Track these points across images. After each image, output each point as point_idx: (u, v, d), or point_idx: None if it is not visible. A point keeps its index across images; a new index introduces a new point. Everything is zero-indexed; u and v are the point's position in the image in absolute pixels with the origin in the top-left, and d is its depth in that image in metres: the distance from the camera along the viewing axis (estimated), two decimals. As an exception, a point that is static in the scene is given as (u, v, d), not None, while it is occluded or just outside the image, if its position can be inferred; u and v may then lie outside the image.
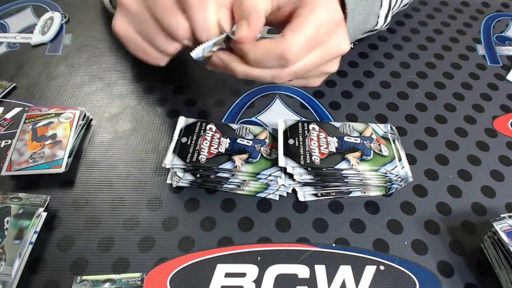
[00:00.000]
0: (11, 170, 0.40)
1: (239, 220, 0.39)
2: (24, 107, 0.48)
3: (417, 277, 0.36)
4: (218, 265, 0.36)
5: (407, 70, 0.55)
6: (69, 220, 0.39)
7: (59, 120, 0.44)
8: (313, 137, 0.40)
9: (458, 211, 0.41)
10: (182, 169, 0.39)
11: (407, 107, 0.50)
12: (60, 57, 0.55)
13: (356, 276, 0.36)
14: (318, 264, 0.37)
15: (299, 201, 0.41)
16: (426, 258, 0.37)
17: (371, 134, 0.42)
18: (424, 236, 0.39)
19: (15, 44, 0.56)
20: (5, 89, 0.50)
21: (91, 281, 0.34)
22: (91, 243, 0.37)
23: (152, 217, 0.39)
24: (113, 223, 0.38)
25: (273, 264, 0.36)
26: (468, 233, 0.39)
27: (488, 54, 0.58)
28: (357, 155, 0.39)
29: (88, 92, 0.50)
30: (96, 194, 0.41)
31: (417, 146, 0.46)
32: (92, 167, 0.43)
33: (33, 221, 0.36)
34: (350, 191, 0.41)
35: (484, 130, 0.48)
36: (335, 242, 0.38)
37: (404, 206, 0.41)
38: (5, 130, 0.46)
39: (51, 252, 0.36)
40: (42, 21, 0.59)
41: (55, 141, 0.42)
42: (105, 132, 0.46)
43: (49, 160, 0.40)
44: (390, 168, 0.39)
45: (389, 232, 0.39)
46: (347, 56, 0.57)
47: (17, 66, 0.53)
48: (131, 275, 0.35)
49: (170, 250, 0.37)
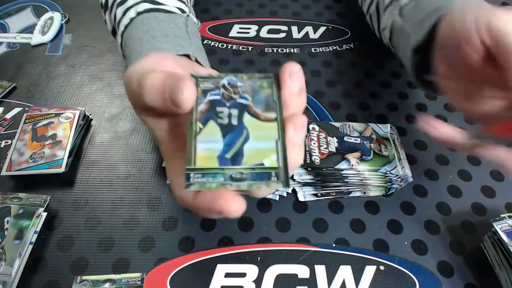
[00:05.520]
0: (11, 170, 0.40)
1: (239, 220, 0.39)
2: (24, 107, 0.48)
3: (417, 277, 0.36)
4: (218, 265, 0.36)
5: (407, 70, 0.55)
6: (69, 220, 0.39)
7: (59, 120, 0.44)
8: (313, 137, 0.40)
9: (458, 211, 0.41)
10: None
11: (407, 107, 0.50)
12: (60, 57, 0.55)
13: (356, 276, 0.36)
14: (318, 264, 0.37)
15: (299, 201, 0.41)
16: (426, 258, 0.37)
17: (371, 134, 0.42)
18: (424, 236, 0.39)
19: (15, 44, 0.56)
20: (5, 89, 0.50)
21: (91, 281, 0.34)
22: (91, 243, 0.37)
23: (152, 217, 0.39)
24: (113, 223, 0.38)
25: (273, 264, 0.36)
26: (468, 233, 0.39)
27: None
28: (357, 155, 0.39)
29: (88, 92, 0.50)
30: (96, 194, 0.41)
31: (417, 146, 0.46)
32: (92, 167, 0.43)
33: (33, 221, 0.36)
34: (350, 191, 0.41)
35: (484, 130, 0.48)
36: (335, 242, 0.38)
37: (404, 206, 0.41)
38: (5, 130, 0.46)
39: (51, 252, 0.36)
40: (42, 21, 0.59)
41: (55, 141, 0.42)
42: (105, 132, 0.46)
43: (49, 160, 0.40)
44: (390, 168, 0.39)
45: (389, 232, 0.39)
46: (347, 56, 0.57)
47: (17, 66, 0.53)
48: (131, 275, 0.35)
49: (170, 250, 0.37)
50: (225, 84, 0.25)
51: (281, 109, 0.25)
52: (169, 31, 0.37)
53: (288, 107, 0.25)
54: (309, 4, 0.65)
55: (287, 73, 0.25)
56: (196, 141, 0.23)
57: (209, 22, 0.61)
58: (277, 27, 0.61)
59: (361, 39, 0.59)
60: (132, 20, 0.38)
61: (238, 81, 0.26)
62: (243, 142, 0.23)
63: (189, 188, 0.22)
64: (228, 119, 0.24)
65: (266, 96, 0.25)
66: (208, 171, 0.22)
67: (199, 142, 0.23)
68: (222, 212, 0.22)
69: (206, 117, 0.24)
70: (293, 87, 0.25)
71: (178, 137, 0.27)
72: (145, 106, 0.25)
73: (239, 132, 0.24)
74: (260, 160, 0.23)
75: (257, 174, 0.22)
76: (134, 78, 0.26)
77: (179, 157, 0.26)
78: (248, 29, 0.60)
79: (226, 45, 0.57)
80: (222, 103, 0.25)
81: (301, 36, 0.60)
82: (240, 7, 0.64)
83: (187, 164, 0.22)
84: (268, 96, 0.25)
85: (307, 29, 0.61)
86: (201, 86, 0.25)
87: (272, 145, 0.23)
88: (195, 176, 0.22)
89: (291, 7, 0.64)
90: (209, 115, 0.24)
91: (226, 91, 0.25)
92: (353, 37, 0.60)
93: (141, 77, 0.25)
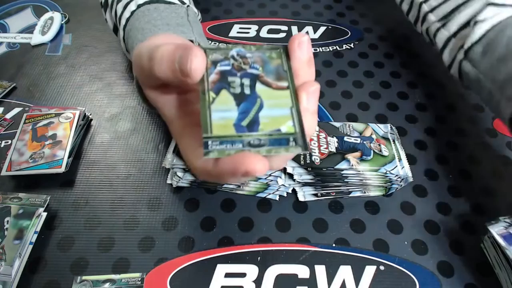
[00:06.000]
0: (11, 170, 0.40)
1: (239, 220, 0.39)
2: (24, 107, 0.48)
3: (417, 277, 0.36)
4: (218, 265, 0.36)
5: (407, 70, 0.55)
6: (69, 220, 0.39)
7: (59, 120, 0.44)
8: (313, 137, 0.40)
9: (458, 211, 0.41)
10: (182, 169, 0.39)
11: (407, 107, 0.50)
12: (60, 57, 0.55)
13: (356, 276, 0.36)
14: (318, 264, 0.37)
15: (299, 201, 0.41)
16: (426, 258, 0.37)
17: (371, 134, 0.42)
18: (424, 236, 0.39)
19: (15, 44, 0.56)
20: (5, 89, 0.50)
21: (91, 281, 0.34)
22: (91, 243, 0.37)
23: (152, 217, 0.39)
24: (113, 223, 0.38)
25: (273, 264, 0.36)
26: (468, 233, 0.39)
27: (488, 54, 0.58)
28: (357, 155, 0.39)
29: (88, 92, 0.50)
30: (96, 194, 0.41)
31: (417, 146, 0.46)
32: (92, 167, 0.43)
33: (33, 221, 0.36)
34: (350, 191, 0.41)
35: (484, 130, 0.48)
36: (335, 242, 0.38)
37: (404, 206, 0.41)
38: (5, 130, 0.46)
39: (51, 252, 0.36)
40: (42, 21, 0.59)
41: (55, 141, 0.42)
42: (105, 132, 0.46)
43: (49, 160, 0.40)
44: (390, 168, 0.39)
45: (389, 232, 0.39)
46: (347, 56, 0.57)
47: (17, 66, 0.53)
48: (131, 275, 0.35)
49: (170, 250, 0.37)
50: (234, 55, 0.25)
51: (292, 77, 0.25)
52: (170, 20, 0.37)
53: (299, 76, 0.25)
54: (309, 4, 0.65)
55: (296, 43, 0.25)
56: (211, 110, 0.23)
57: (209, 22, 0.61)
58: (277, 27, 0.61)
59: (361, 39, 0.60)
60: (133, 13, 0.38)
61: (247, 52, 0.26)
62: (257, 110, 0.23)
63: (208, 156, 0.21)
64: (241, 88, 0.24)
65: (276, 66, 0.25)
66: (225, 138, 0.22)
67: (214, 111, 0.23)
68: (249, 173, 0.22)
69: (218, 86, 0.24)
70: (303, 56, 0.25)
71: (188, 114, 0.27)
72: (155, 83, 0.26)
73: (253, 100, 0.24)
74: (276, 126, 0.23)
75: (275, 139, 0.22)
76: (144, 53, 0.26)
77: (190, 133, 0.26)
78: (248, 29, 0.60)
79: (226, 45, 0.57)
80: (233, 73, 0.24)
81: (301, 36, 0.60)
82: (240, 7, 0.64)
83: (204, 132, 0.22)
84: (278, 66, 0.25)
85: (307, 29, 0.61)
86: (210, 57, 0.25)
87: (287, 112, 0.23)
88: (213, 143, 0.22)
89: (291, 7, 0.64)
90: (221, 84, 0.24)
91: (236, 61, 0.25)
92: (353, 37, 0.60)
93: (151, 51, 0.25)
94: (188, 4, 0.41)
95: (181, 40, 0.28)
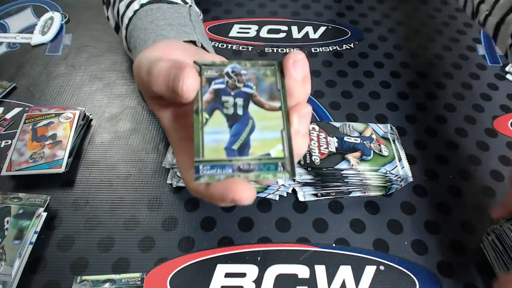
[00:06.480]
0: (11, 170, 0.40)
1: (239, 220, 0.39)
2: (24, 107, 0.48)
3: (417, 277, 0.36)
4: (218, 265, 0.36)
5: (407, 70, 0.55)
6: (69, 220, 0.39)
7: (59, 120, 0.44)
8: (313, 137, 0.40)
9: (458, 211, 0.41)
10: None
11: (407, 107, 0.50)
12: (60, 57, 0.55)
13: (356, 276, 0.36)
14: (318, 264, 0.37)
15: (299, 201, 0.41)
16: (426, 258, 0.37)
17: (371, 134, 0.42)
18: (424, 236, 0.39)
19: (15, 44, 0.56)
20: (5, 89, 0.50)
21: (91, 281, 0.34)
22: (91, 243, 0.37)
23: (152, 217, 0.39)
24: (113, 223, 0.38)
25: (273, 264, 0.36)
26: (468, 233, 0.39)
27: (488, 54, 0.58)
28: (357, 155, 0.39)
29: (88, 92, 0.50)
30: (96, 194, 0.41)
31: (417, 146, 0.46)
32: (92, 167, 0.43)
33: (33, 221, 0.36)
34: (350, 191, 0.41)
35: (484, 130, 0.48)
36: (335, 242, 0.38)
37: (404, 206, 0.41)
38: (5, 130, 0.46)
39: (51, 252, 0.36)
40: (42, 21, 0.59)
41: (55, 141, 0.42)
42: (105, 132, 0.46)
43: (49, 160, 0.40)
44: (390, 168, 0.39)
45: (389, 232, 0.39)
46: (347, 56, 0.57)
47: (17, 66, 0.53)
48: (131, 275, 0.35)
49: (170, 250, 0.37)
50: (229, 72, 0.25)
51: (285, 97, 0.25)
52: (173, 20, 0.37)
53: (293, 95, 0.25)
54: (309, 4, 0.65)
55: (290, 61, 0.25)
56: (203, 133, 0.23)
57: (209, 22, 0.61)
58: (277, 27, 0.61)
59: (361, 39, 0.60)
60: (136, 12, 0.39)
61: (241, 69, 0.26)
62: (249, 132, 0.24)
63: (199, 181, 0.22)
64: (234, 108, 0.24)
65: (270, 84, 0.25)
66: (216, 163, 0.22)
67: (206, 134, 0.23)
68: (235, 200, 0.22)
69: (212, 106, 0.24)
70: (297, 75, 0.25)
71: (185, 127, 0.27)
72: (154, 95, 0.26)
73: (245, 122, 0.24)
74: (266, 150, 0.23)
75: (264, 164, 0.23)
76: (143, 66, 0.26)
77: (186, 148, 0.26)
78: (248, 29, 0.60)
79: (226, 45, 0.57)
80: (227, 92, 0.25)
81: (301, 36, 0.60)
82: (240, 7, 0.64)
83: (196, 156, 0.22)
84: (272, 84, 0.25)
85: (307, 29, 0.61)
86: (205, 75, 0.25)
87: (278, 135, 0.23)
88: (204, 168, 0.22)
89: (291, 7, 0.64)
90: (214, 104, 0.24)
91: (231, 79, 0.25)
92: (353, 37, 0.60)
93: (150, 65, 0.25)
94: (190, 4, 0.42)
95: (181, 51, 0.28)
